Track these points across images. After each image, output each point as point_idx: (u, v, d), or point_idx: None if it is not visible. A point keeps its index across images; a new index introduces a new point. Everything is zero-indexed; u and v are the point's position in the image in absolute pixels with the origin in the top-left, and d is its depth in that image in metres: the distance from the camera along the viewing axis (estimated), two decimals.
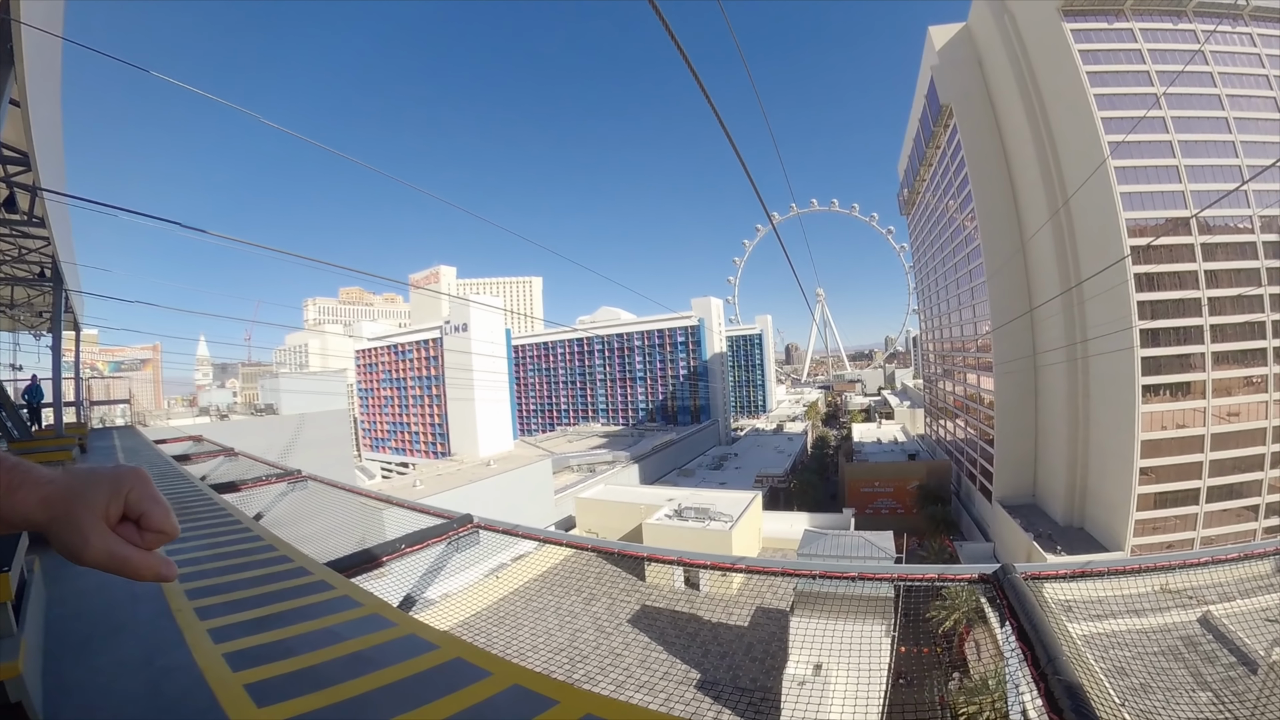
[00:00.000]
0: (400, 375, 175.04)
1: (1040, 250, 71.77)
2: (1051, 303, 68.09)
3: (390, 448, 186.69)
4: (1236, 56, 63.19)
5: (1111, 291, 59.91)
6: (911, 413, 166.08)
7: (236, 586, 4.01)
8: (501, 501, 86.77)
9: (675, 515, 63.57)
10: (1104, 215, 60.90)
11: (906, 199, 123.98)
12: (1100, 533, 64.56)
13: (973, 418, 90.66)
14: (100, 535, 1.41)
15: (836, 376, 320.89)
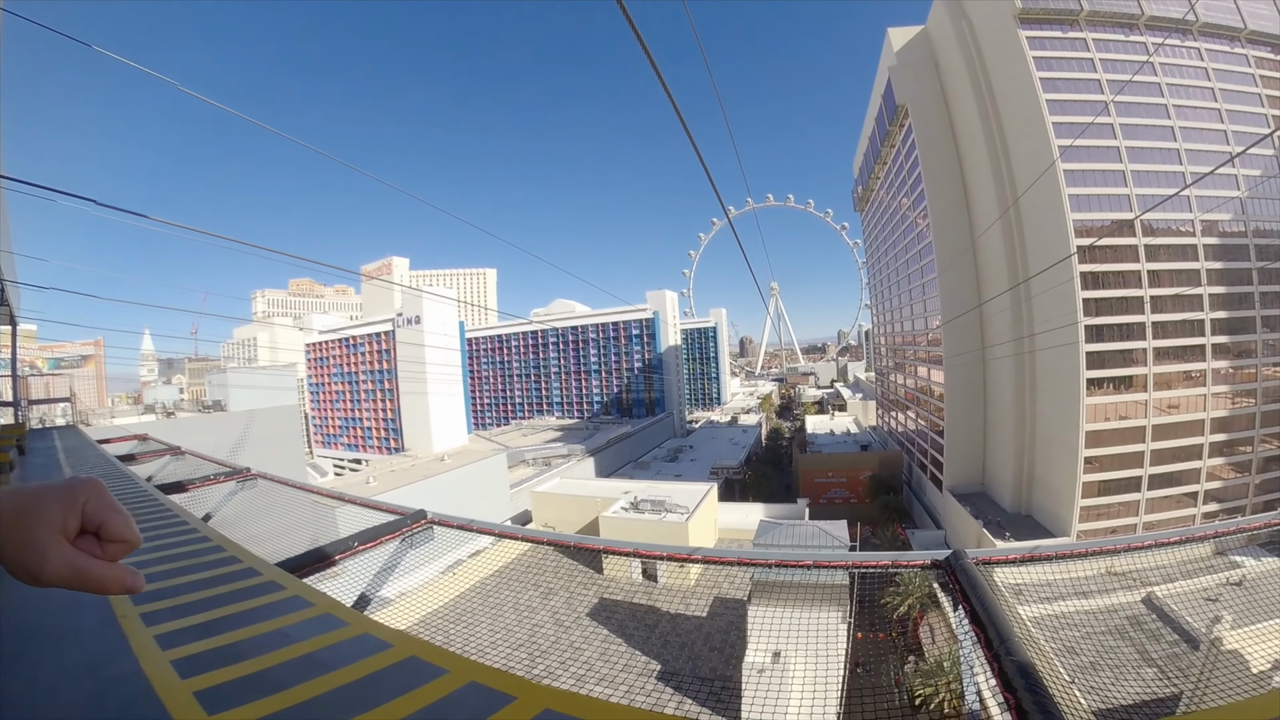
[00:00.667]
0: (352, 369, 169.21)
1: (990, 248, 73.32)
2: (1000, 299, 69.91)
3: (342, 444, 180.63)
4: (1184, 69, 65.59)
5: (1058, 289, 61.56)
6: (864, 405, 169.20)
7: (184, 590, 3.79)
8: (457, 497, 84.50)
9: (631, 508, 62.78)
10: (1052, 215, 62.35)
11: (861, 196, 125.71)
12: (1047, 519, 66.48)
13: (923, 409, 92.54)
14: (60, 551, 1.35)
15: (790, 369, 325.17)
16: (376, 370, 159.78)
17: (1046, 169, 60.17)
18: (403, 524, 9.45)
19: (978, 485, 78.14)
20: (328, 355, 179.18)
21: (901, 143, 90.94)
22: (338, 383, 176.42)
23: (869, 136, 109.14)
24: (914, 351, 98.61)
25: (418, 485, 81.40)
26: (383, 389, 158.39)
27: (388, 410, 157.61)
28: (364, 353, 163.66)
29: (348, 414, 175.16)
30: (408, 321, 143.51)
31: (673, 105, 6.68)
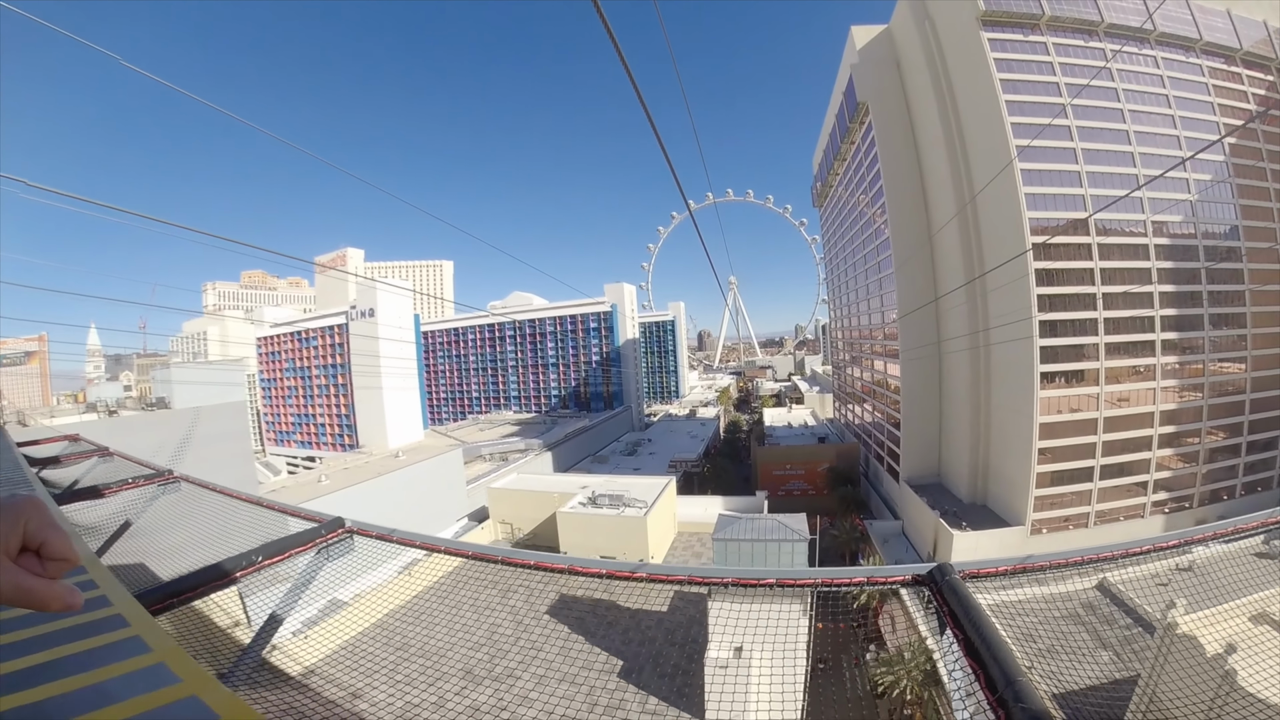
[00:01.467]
0: (305, 364, 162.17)
1: (947, 244, 73.25)
2: (956, 294, 69.81)
3: (296, 441, 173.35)
4: (1140, 76, 66.30)
5: (1013, 285, 61.66)
6: (821, 398, 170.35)
7: (8, 627, 2.83)
8: (412, 494, 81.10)
9: (589, 503, 60.84)
10: (1008, 213, 62.23)
11: (820, 192, 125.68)
12: (1002, 509, 66.85)
13: (880, 402, 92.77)
14: (5, 570, 1.39)
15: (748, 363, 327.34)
16: (330, 364, 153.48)
17: (1004, 168, 60.12)
18: (316, 534, 8.11)
19: (934, 476, 78.47)
20: (279, 349, 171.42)
21: (861, 140, 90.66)
22: (290, 378, 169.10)
23: (829, 133, 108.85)
24: (871, 345, 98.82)
25: (371, 483, 77.77)
26: (336, 384, 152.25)
27: (341, 406, 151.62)
28: (317, 346, 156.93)
29: (301, 410, 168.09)
30: (361, 314, 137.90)
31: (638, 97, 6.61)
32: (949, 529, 62.12)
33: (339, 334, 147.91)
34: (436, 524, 75.41)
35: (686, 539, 64.64)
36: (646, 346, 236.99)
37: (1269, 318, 67.88)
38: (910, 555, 70.37)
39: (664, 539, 61.26)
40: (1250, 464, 68.75)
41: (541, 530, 65.59)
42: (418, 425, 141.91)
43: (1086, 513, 64.48)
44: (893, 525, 76.24)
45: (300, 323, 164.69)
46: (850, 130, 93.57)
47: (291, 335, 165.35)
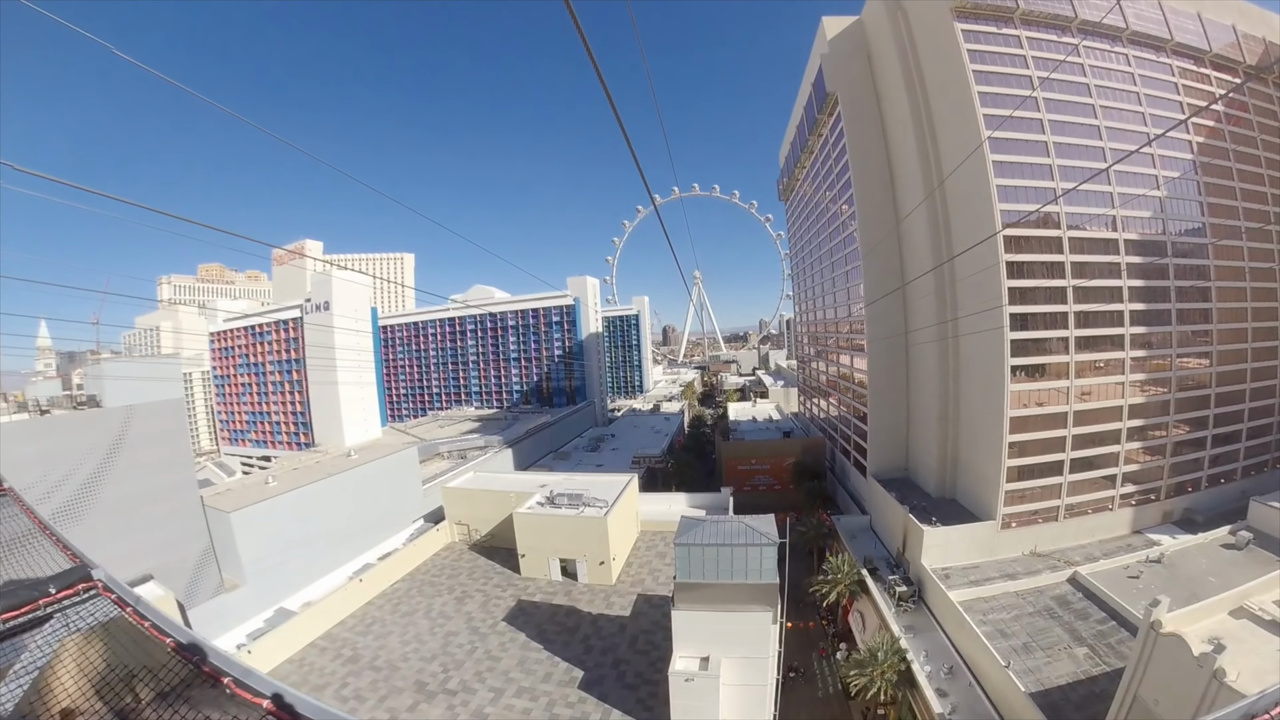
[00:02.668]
0: (259, 360, 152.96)
1: (916, 233, 69.90)
2: (924, 285, 67.05)
3: (251, 440, 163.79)
4: (1112, 73, 64.18)
5: (985, 274, 58.66)
6: (785, 392, 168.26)
7: None
8: (365, 495, 75.44)
9: (548, 503, 56.11)
10: (979, 201, 59.36)
11: (786, 186, 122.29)
12: (972, 503, 64.08)
13: (846, 396, 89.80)
14: None
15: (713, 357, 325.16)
16: (284, 360, 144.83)
17: (974, 149, 57.28)
18: (34, 594, 5.60)
19: (901, 471, 75.62)
20: (233, 345, 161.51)
21: (830, 131, 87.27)
22: (244, 374, 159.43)
23: (796, 125, 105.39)
24: (837, 339, 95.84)
25: (321, 484, 72.19)
26: (291, 380, 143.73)
27: (296, 403, 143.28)
28: (271, 341, 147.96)
29: (255, 408, 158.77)
30: (316, 307, 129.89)
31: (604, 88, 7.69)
32: (919, 524, 59.07)
33: (294, 328, 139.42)
34: (391, 526, 70.02)
35: (650, 538, 60.33)
36: (610, 341, 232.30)
37: (1233, 314, 66.94)
38: (879, 550, 67.36)
39: (626, 539, 56.88)
40: (1214, 456, 67.49)
41: (499, 531, 60.77)
42: (376, 422, 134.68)
43: (1056, 507, 62.23)
44: (860, 520, 73.20)
45: (254, 317, 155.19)
46: (818, 123, 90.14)
47: (245, 330, 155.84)
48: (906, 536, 61.86)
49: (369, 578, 55.55)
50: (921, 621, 55.21)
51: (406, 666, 43.19)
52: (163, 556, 57.02)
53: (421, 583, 56.89)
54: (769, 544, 33.59)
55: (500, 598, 52.81)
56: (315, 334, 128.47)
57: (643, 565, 55.20)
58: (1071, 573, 56.46)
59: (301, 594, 54.03)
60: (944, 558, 59.52)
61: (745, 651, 34.65)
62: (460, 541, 65.76)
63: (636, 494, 61.63)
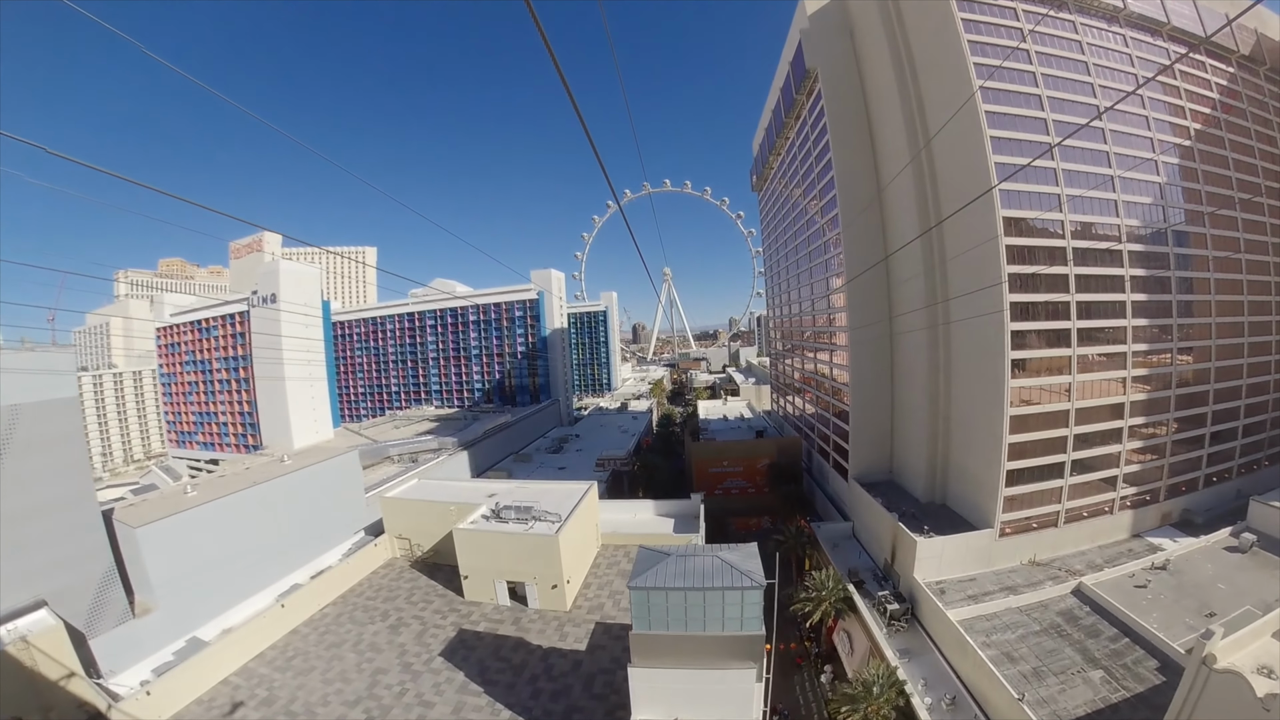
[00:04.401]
0: (205, 356, 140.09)
1: (900, 200, 62.78)
2: (912, 267, 60.22)
3: (198, 442, 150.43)
4: (1110, 52, 58.39)
5: (981, 252, 51.81)
6: (757, 389, 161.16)
7: None
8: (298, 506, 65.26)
9: (493, 516, 47.20)
10: (971, 156, 52.65)
11: (760, 176, 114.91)
12: (966, 509, 56.88)
13: (823, 393, 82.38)
14: None
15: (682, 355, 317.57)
16: (231, 357, 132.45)
17: (967, 99, 51.12)
18: None
19: (886, 473, 68.29)
20: (179, 340, 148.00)
21: (809, 112, 79.67)
22: (190, 372, 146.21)
23: (772, 110, 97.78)
24: (813, 332, 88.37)
25: (246, 494, 61.81)
26: (238, 378, 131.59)
27: (244, 403, 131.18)
28: (217, 336, 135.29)
29: (202, 408, 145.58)
30: (263, 299, 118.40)
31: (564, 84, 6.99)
32: (910, 535, 51.65)
33: (240, 322, 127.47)
34: (329, 539, 60.62)
35: (611, 554, 51.79)
36: (577, 338, 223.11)
37: (1230, 306, 61.68)
38: (864, 561, 59.96)
39: (583, 557, 48.22)
40: (1211, 455, 61.78)
41: (443, 547, 52.13)
42: (327, 422, 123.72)
43: (1056, 512, 55.69)
44: (842, 527, 65.69)
45: (199, 311, 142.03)
46: (795, 104, 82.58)
47: (191, 325, 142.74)
48: (896, 547, 54.43)
49: (294, 601, 47.07)
50: (916, 643, 47.84)
51: (326, 713, 35.18)
52: (60, 579, 47.23)
53: (354, 607, 48.09)
54: (753, 586, 25.25)
55: (440, 626, 44.13)
56: (262, 328, 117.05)
57: (603, 586, 46.67)
58: (1076, 584, 50.36)
59: (223, 619, 47.08)
60: (938, 570, 52.24)
61: (723, 714, 26.59)
62: (402, 557, 56.81)
63: (596, 504, 53.09)
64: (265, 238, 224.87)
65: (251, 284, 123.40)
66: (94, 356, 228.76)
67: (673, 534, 52.36)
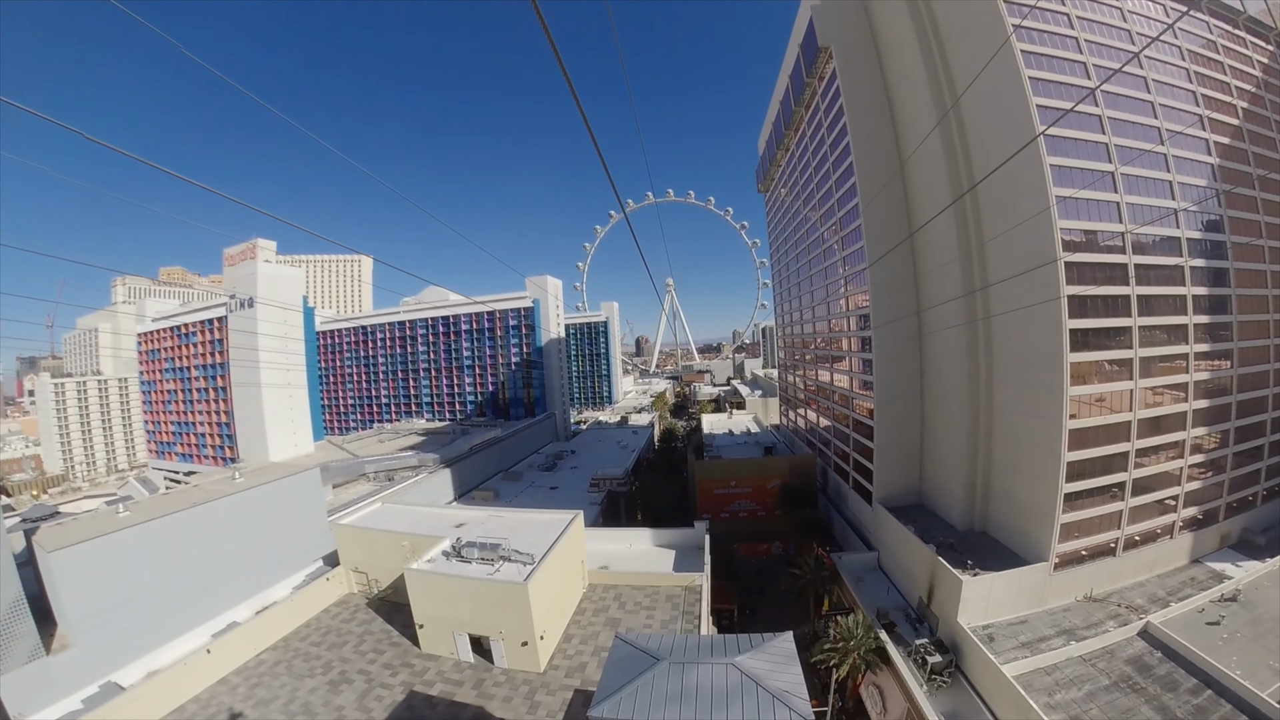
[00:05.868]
0: (184, 364, 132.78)
1: (926, 170, 55.48)
2: (946, 250, 52.78)
3: (177, 453, 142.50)
4: (1154, 23, 51.56)
5: (1027, 230, 44.20)
6: (764, 402, 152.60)
7: None
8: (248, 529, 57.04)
9: (454, 555, 38.63)
10: (1009, 104, 45.20)
11: (767, 174, 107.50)
12: (1013, 539, 48.45)
13: (841, 405, 74.11)
14: None
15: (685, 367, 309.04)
16: (209, 364, 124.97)
17: (1000, 46, 43.82)
18: None
19: (915, 496, 59.80)
20: (159, 347, 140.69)
21: (821, 97, 72.33)
22: (170, 380, 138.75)
23: (780, 101, 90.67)
24: (829, 337, 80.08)
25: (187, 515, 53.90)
26: (216, 387, 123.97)
27: (221, 413, 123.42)
28: (196, 343, 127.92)
29: (181, 417, 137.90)
30: (241, 304, 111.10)
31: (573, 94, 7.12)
32: (953, 572, 43.32)
33: (219, 328, 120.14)
34: (282, 568, 52.57)
35: (600, 596, 43.14)
36: (578, 349, 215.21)
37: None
38: (893, 599, 51.43)
39: (562, 604, 39.59)
40: (1270, 467, 54.33)
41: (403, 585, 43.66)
42: (307, 435, 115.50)
43: (1114, 539, 47.57)
44: (866, 558, 57.13)
45: (179, 316, 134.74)
46: (807, 88, 75.23)
47: (170, 330, 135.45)
48: (934, 585, 45.98)
49: (226, 645, 39.24)
50: (964, 702, 39.52)
51: None
52: None
53: (295, 654, 39.88)
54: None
55: (388, 686, 35.79)
56: (241, 334, 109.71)
57: (586, 640, 38.00)
58: (1142, 624, 42.73)
59: (150, 659, 40.30)
60: (985, 613, 43.92)
61: None
62: (360, 593, 48.59)
63: (582, 536, 44.62)
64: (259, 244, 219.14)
65: (249, 292, 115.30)
66: (82, 362, 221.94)
67: (673, 572, 43.94)
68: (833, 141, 68.75)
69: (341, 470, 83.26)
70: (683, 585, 41.76)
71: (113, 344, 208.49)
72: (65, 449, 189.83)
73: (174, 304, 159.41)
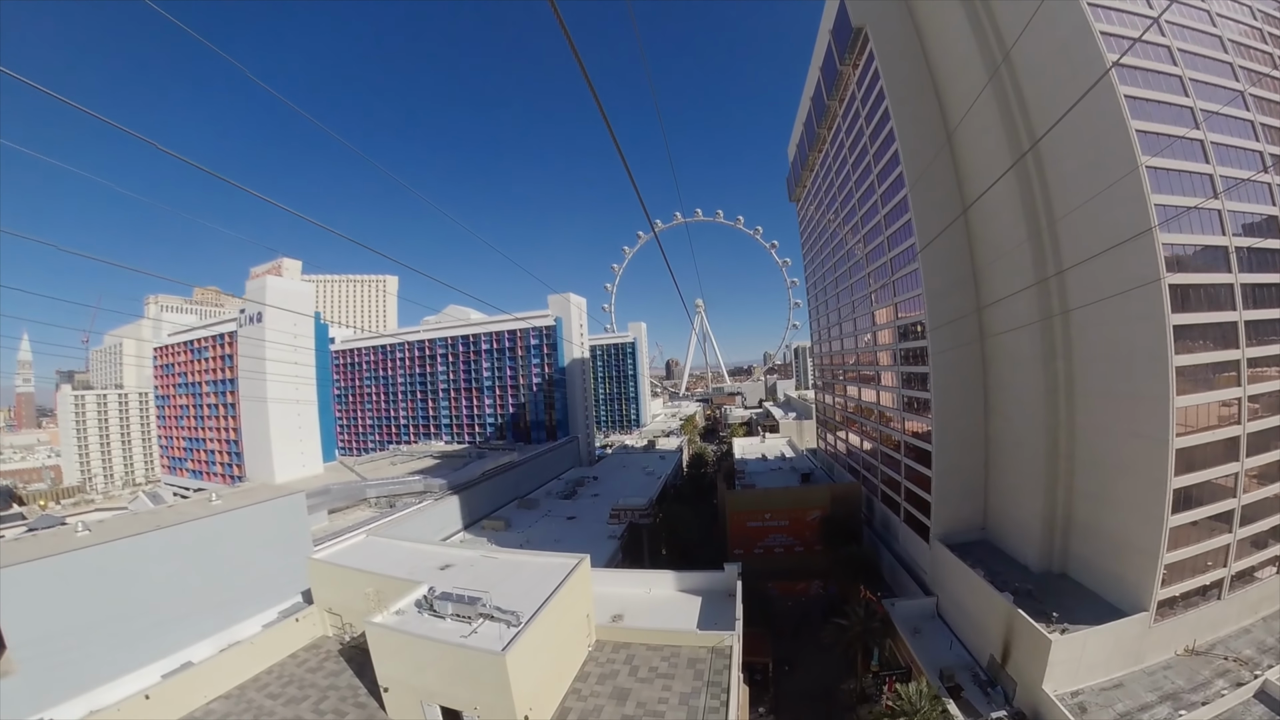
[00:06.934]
0: (195, 379, 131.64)
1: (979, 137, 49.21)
2: (1011, 233, 46.06)
3: (188, 469, 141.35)
4: None
5: (1111, 199, 37.68)
6: (798, 425, 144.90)
7: None
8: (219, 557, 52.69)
9: (425, 607, 32.14)
10: (1072, 39, 39.24)
11: (799, 181, 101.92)
12: (1102, 583, 40.88)
13: (888, 426, 66.82)
14: None
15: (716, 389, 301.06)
16: (220, 380, 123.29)
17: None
18: None
19: (978, 530, 52.18)
20: (173, 361, 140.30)
21: (857, 84, 66.81)
22: (182, 395, 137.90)
23: (811, 98, 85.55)
24: (873, 349, 72.91)
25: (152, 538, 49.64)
26: (225, 403, 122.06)
27: (230, 430, 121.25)
28: (208, 358, 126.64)
29: (192, 433, 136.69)
30: (250, 319, 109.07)
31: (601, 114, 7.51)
32: (1038, 628, 36.04)
33: (229, 343, 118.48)
34: (256, 600, 47.66)
35: (608, 658, 36.05)
36: (605, 371, 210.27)
37: None
38: (957, 655, 43.93)
39: (557, 673, 32.31)
40: None
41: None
42: (315, 455, 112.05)
43: (1219, 578, 40.30)
44: (923, 605, 49.64)
45: (193, 331, 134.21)
46: (840, 77, 69.99)
47: (184, 345, 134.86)
48: (1011, 643, 38.62)
49: (171, 690, 33.93)
50: None
51: None
52: None
53: (247, 707, 34.36)
54: None
55: None
56: (249, 348, 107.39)
57: (589, 716, 31.14)
58: (1259, 684, 35.84)
59: (94, 696, 35.51)
60: (1074, 677, 36.53)
61: None
62: (334, 636, 43.18)
63: (589, 585, 37.79)
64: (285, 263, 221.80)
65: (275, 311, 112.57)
66: (107, 376, 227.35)
67: (697, 630, 36.89)
68: (872, 132, 63.03)
69: (341, 494, 78.83)
70: (709, 646, 34.83)
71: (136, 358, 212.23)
72: (83, 460, 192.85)
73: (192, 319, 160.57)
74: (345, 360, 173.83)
